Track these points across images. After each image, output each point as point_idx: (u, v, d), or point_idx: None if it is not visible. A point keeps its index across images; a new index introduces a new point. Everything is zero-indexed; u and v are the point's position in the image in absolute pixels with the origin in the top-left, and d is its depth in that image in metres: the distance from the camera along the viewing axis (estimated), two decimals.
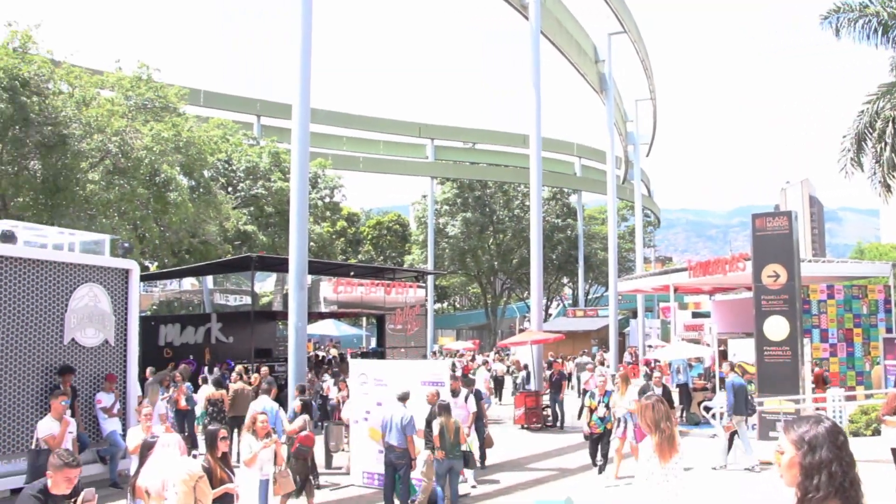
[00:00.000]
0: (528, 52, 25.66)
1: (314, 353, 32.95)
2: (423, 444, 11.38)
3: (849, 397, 18.24)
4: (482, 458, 15.26)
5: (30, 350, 12.92)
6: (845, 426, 16.09)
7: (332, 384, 17.78)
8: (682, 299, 39.81)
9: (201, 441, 12.10)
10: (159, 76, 27.10)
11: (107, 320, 14.33)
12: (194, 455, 8.82)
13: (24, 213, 21.61)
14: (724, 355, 20.90)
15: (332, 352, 36.74)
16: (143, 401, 13.45)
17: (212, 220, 29.05)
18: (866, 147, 22.26)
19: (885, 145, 21.46)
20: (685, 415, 21.36)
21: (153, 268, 32.68)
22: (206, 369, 21.43)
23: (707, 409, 17.22)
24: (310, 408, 13.12)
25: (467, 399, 14.84)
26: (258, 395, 13.62)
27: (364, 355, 29.47)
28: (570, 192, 64.79)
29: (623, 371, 17.54)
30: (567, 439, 18.92)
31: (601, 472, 14.01)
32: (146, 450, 7.27)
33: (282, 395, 16.26)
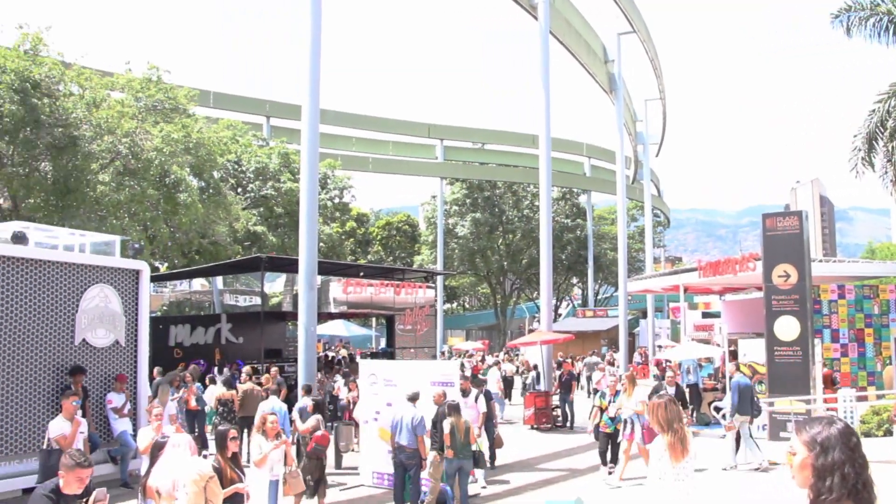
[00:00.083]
0: (538, 52, 25.65)
1: (324, 354, 32.96)
2: (429, 445, 11.38)
3: (860, 398, 18.16)
4: (492, 458, 15.24)
5: (41, 351, 12.97)
6: (856, 427, 16.01)
7: (342, 384, 17.80)
8: (691, 299, 39.65)
9: (211, 441, 12.14)
10: (169, 78, 27.32)
11: (117, 321, 14.38)
12: (205, 455, 8.84)
13: (35, 215, 21.70)
14: (734, 355, 20.84)
15: (342, 352, 36.76)
16: (153, 401, 13.48)
17: (221, 220, 29.12)
18: (877, 146, 22.17)
19: None
20: (695, 415, 21.30)
21: (163, 269, 32.80)
22: (215, 370, 21.48)
23: (717, 409, 17.18)
24: (322, 407, 13.13)
25: (477, 399, 14.84)
26: (268, 396, 13.66)
27: (374, 356, 29.47)
28: (579, 193, 64.71)
29: (630, 372, 17.50)
30: (577, 439, 18.89)
31: (611, 472, 13.97)
32: (157, 450, 7.29)
33: (291, 395, 16.28)
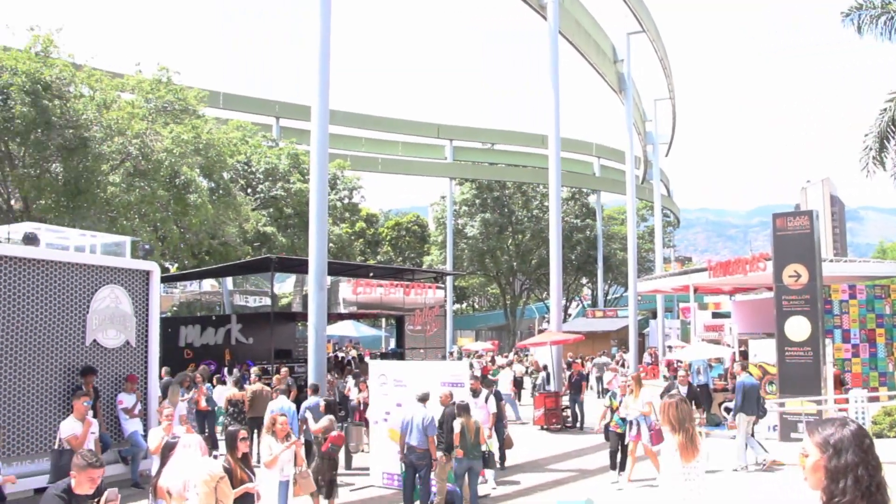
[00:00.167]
0: (547, 52, 25.63)
1: (334, 354, 33.00)
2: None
3: (871, 398, 18.08)
4: (502, 458, 15.24)
5: (52, 351, 13.03)
6: (868, 428, 15.94)
7: (352, 385, 17.82)
8: (701, 299, 39.57)
9: (221, 442, 12.15)
10: (179, 79, 27.38)
11: (128, 321, 14.43)
12: (215, 456, 8.86)
13: (46, 216, 21.80)
14: (745, 356, 20.77)
15: (352, 353, 36.80)
16: (162, 401, 13.52)
17: (231, 221, 29.19)
18: (888, 145, 22.05)
19: None
20: (706, 415, 21.23)
21: (173, 269, 32.89)
22: (225, 370, 21.53)
23: (728, 409, 17.14)
24: (335, 407, 13.13)
25: (487, 400, 14.83)
26: (276, 396, 13.69)
27: (383, 356, 29.49)
28: (589, 193, 64.62)
29: (636, 373, 17.45)
30: (587, 440, 18.85)
31: (621, 471, 13.90)
32: (168, 450, 7.31)
33: (301, 396, 16.29)
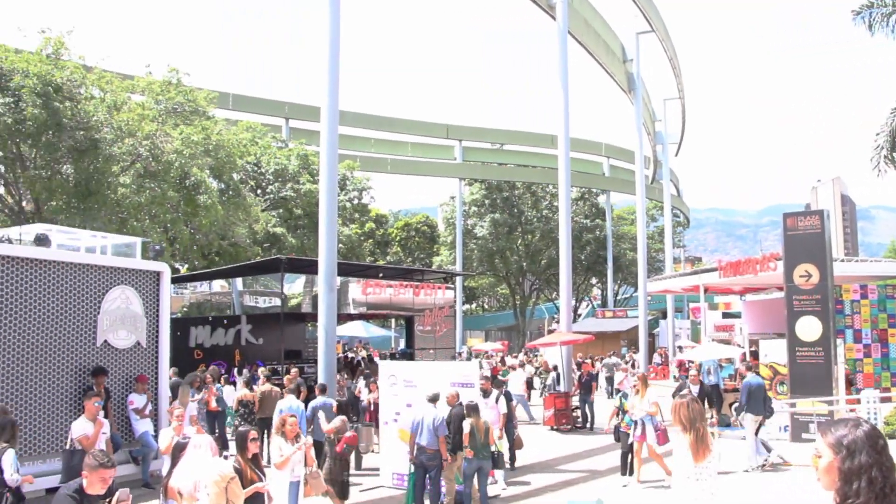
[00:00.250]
0: (556, 52, 25.60)
1: (343, 355, 33.04)
2: None
3: (883, 399, 18.00)
4: (512, 459, 15.23)
5: (64, 352, 13.07)
6: (880, 428, 15.86)
7: (363, 386, 17.83)
8: (712, 299, 39.43)
9: (232, 442, 12.16)
10: (189, 80, 27.44)
11: (139, 322, 14.47)
12: (225, 456, 8.88)
13: (57, 217, 21.89)
14: (755, 356, 20.69)
15: (362, 353, 36.83)
16: (173, 402, 13.55)
17: (241, 222, 29.26)
18: None
19: None
20: (717, 416, 21.15)
21: (183, 270, 33.00)
22: (235, 371, 21.56)
23: (738, 410, 17.06)
24: (346, 408, 13.13)
25: (497, 400, 14.81)
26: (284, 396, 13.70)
27: (393, 357, 29.50)
28: (598, 193, 64.48)
29: (642, 373, 17.41)
30: (597, 441, 18.79)
31: (631, 473, 13.86)
32: (178, 451, 7.33)
33: (311, 396, 16.30)
